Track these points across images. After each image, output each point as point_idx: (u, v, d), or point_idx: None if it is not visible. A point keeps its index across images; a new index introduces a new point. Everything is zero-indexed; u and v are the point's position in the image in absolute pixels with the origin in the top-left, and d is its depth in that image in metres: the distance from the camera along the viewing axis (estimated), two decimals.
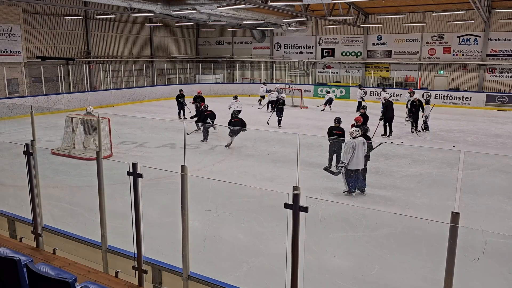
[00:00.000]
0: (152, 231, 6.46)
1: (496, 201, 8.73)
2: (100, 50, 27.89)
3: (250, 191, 8.59)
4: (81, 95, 23.14)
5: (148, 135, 15.48)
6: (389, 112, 15.40)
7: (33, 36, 23.90)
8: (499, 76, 26.11)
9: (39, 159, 5.37)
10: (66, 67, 24.88)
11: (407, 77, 28.70)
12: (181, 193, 4.13)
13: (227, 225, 7.46)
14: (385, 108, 15.71)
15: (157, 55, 32.20)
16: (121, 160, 10.60)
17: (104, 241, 4.76)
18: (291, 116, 19.99)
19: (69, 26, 25.78)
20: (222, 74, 34.33)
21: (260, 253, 6.39)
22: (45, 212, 5.59)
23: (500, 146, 14.16)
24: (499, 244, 6.60)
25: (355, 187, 8.91)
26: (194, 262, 4.35)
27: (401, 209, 8.19)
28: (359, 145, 8.76)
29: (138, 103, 25.62)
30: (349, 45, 30.47)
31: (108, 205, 4.92)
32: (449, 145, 13.96)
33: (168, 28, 32.73)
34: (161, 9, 20.84)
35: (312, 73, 32.12)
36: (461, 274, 3.58)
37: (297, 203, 3.33)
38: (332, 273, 5.87)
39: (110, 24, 28.15)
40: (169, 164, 5.04)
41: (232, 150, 13.24)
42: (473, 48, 26.34)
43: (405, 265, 6.08)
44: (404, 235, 6.92)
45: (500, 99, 24.41)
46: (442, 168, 11.21)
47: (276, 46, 33.51)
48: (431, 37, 27.46)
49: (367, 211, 7.86)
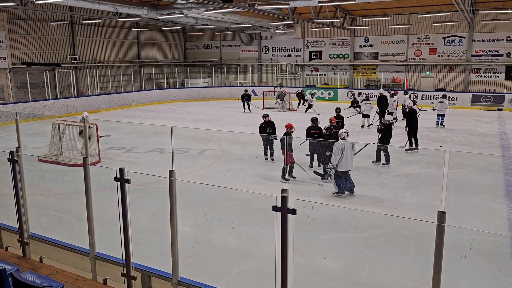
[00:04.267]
0: (141, 237, 6.41)
1: (483, 200, 8.85)
2: (86, 55, 27.67)
3: (239, 195, 8.58)
4: (68, 101, 22.90)
5: (136, 140, 15.38)
6: (414, 121, 13.74)
7: (18, 42, 23.62)
8: (484, 76, 26.53)
9: (25, 166, 5.30)
10: (52, 72, 24.60)
11: (394, 78, 29.00)
12: (169, 198, 4.11)
13: (217, 229, 7.43)
14: (409, 117, 13.94)
15: (144, 60, 32.06)
16: (109, 166, 10.51)
17: (92, 248, 4.71)
18: (280, 119, 20.02)
19: (55, 31, 25.53)
20: (211, 77, 34.31)
21: (250, 257, 6.38)
22: (32, 220, 5.51)
23: (486, 145, 14.36)
24: (486, 242, 6.69)
25: (344, 188, 8.96)
26: (184, 267, 4.32)
27: (390, 209, 8.25)
28: (347, 146, 8.81)
29: (126, 108, 25.45)
30: (336, 48, 30.70)
31: (96, 212, 4.87)
32: (437, 145, 14.12)
33: (156, 32, 32.62)
34: (148, 14, 20.76)
35: (300, 76, 32.26)
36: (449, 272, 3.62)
37: (285, 206, 3.33)
38: (322, 275, 5.88)
39: (96, 29, 27.95)
40: (158, 169, 5.01)
41: (221, 154, 13.22)
42: (458, 49, 26.73)
43: (395, 265, 6.12)
44: (394, 235, 6.97)
45: (485, 99, 24.78)
46: (430, 168, 11.32)
47: (264, 49, 33.61)
48: (416, 38, 27.80)
49: (357, 212, 7.90)
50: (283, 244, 3.44)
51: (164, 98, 28.94)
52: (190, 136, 15.42)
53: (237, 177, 10.75)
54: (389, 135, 11.93)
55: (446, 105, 17.74)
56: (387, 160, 11.35)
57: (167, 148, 12.79)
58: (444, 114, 17.81)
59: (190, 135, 15.68)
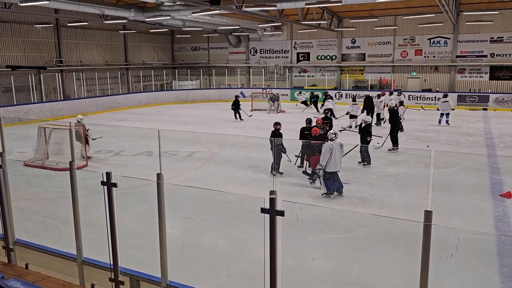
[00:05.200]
0: (129, 241, 6.36)
1: (469, 198, 8.97)
2: (73, 58, 27.37)
3: (228, 197, 8.56)
4: (54, 105, 22.62)
5: (124, 143, 15.25)
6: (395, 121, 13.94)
7: (3, 45, 23.27)
8: (468, 76, 26.93)
9: (10, 171, 5.22)
10: (38, 76, 24.29)
11: (381, 79, 29.28)
12: (157, 201, 4.08)
13: (206, 232, 7.40)
14: (390, 117, 14.12)
15: (132, 62, 31.84)
16: (97, 170, 10.40)
17: (80, 253, 4.66)
18: (269, 121, 20.07)
19: (40, 34, 25.21)
20: (199, 80, 34.22)
21: (240, 259, 6.36)
22: (17, 226, 5.42)
23: (472, 144, 14.57)
24: (473, 240, 6.78)
25: (333, 189, 9.00)
26: (173, 270, 4.30)
27: (378, 209, 8.30)
28: (336, 147, 8.86)
29: (113, 111, 25.23)
30: (324, 49, 30.87)
31: (83, 216, 4.81)
32: (424, 145, 14.28)
33: (143, 34, 32.43)
34: (134, 16, 20.62)
35: (289, 77, 32.37)
36: (437, 270, 3.66)
37: (274, 207, 3.34)
38: (312, 275, 5.89)
39: (82, 31, 27.68)
40: (147, 172, 4.97)
41: (210, 156, 13.18)
42: (443, 50, 27.10)
43: (384, 265, 6.16)
44: (382, 235, 7.02)
45: (471, 99, 25.15)
46: (417, 167, 11.44)
47: (252, 51, 33.64)
48: (403, 39, 28.11)
49: (345, 213, 7.94)
50: (272, 246, 3.44)
51: (152, 100, 28.75)
52: (178, 139, 15.35)
53: (226, 179, 10.72)
54: (368, 135, 12.04)
55: (450, 104, 18.42)
56: (368, 161, 11.45)
57: (155, 151, 12.71)
58: (448, 113, 18.40)
59: (179, 138, 15.61)
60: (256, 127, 18.54)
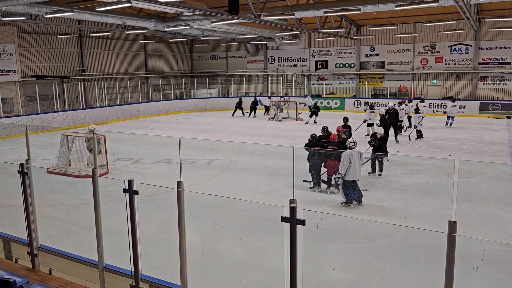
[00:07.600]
0: (149, 248, 6.41)
1: (493, 209, 8.74)
2: (94, 68, 27.99)
3: (247, 205, 8.57)
4: (76, 113, 23.13)
5: (144, 151, 15.45)
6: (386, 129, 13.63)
7: (28, 55, 23.99)
8: (491, 84, 26.37)
9: (34, 178, 5.34)
10: (61, 85, 24.92)
11: (401, 87, 28.93)
12: (177, 209, 4.11)
13: (225, 240, 7.41)
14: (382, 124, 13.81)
15: (151, 71, 32.35)
16: (117, 177, 10.56)
17: (101, 260, 4.71)
18: (287, 129, 20.07)
19: (63, 44, 25.90)
20: (217, 88, 34.49)
21: (258, 268, 6.34)
22: (41, 232, 5.53)
23: (495, 153, 14.22)
24: (498, 252, 6.59)
25: (353, 198, 8.90)
26: (192, 278, 4.31)
27: (399, 219, 8.17)
28: (355, 155, 8.77)
29: (133, 119, 25.63)
30: (342, 57, 30.75)
31: (105, 223, 4.88)
32: (445, 154, 14.01)
33: (162, 44, 32.95)
34: (155, 26, 21.01)
35: (307, 86, 32.32)
36: (460, 283, 3.57)
37: (294, 216, 3.32)
38: (331, 285, 5.82)
39: (104, 41, 28.31)
40: (166, 180, 5.02)
41: (228, 164, 13.22)
42: (465, 57, 26.65)
43: (405, 276, 6.04)
44: (403, 245, 6.89)
45: (494, 107, 24.61)
46: (438, 177, 11.22)
47: (270, 59, 33.76)
48: (423, 47, 27.78)
49: (365, 222, 7.84)
50: (292, 255, 3.42)
51: (171, 109, 29.11)
52: (197, 147, 15.46)
53: (244, 187, 10.73)
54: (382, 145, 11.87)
55: (457, 109, 19.96)
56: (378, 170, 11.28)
57: (174, 158, 12.83)
58: (454, 116, 19.95)
59: (197, 146, 15.72)
60: (274, 135, 18.54)
